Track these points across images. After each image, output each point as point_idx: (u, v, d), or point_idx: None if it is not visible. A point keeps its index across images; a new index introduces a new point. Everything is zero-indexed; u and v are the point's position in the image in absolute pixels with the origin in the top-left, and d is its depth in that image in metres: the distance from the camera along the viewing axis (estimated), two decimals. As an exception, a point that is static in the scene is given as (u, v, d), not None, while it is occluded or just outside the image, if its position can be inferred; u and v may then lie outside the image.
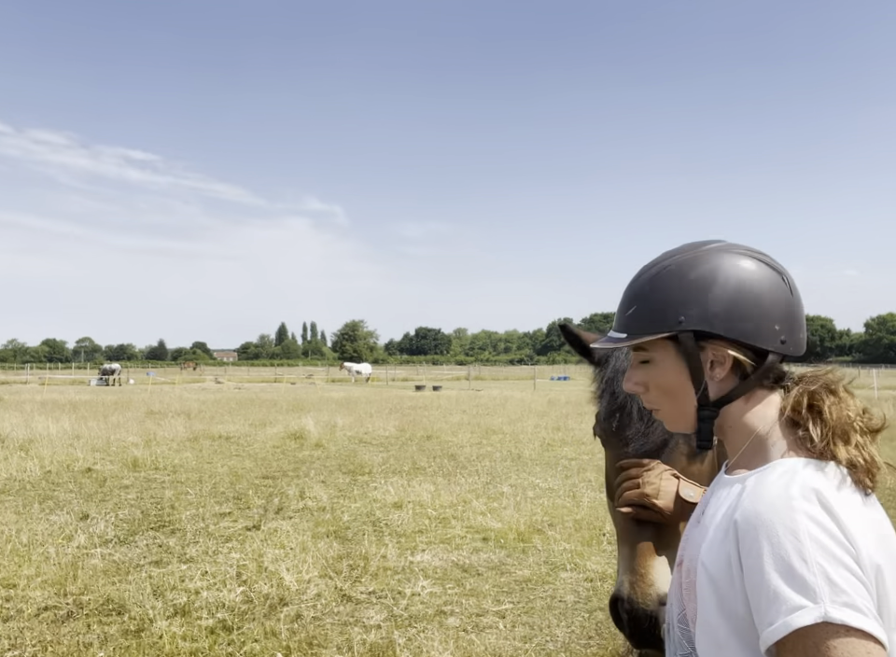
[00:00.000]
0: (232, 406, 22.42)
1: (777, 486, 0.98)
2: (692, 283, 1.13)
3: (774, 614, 0.91)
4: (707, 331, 1.11)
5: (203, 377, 58.40)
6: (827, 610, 0.88)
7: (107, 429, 14.53)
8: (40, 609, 4.66)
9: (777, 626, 0.90)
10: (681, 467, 1.65)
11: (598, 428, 1.83)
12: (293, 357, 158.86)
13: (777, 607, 0.91)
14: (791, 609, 0.90)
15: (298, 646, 4.15)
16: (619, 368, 1.79)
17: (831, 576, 0.90)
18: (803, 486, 0.97)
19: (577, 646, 4.25)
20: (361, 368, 55.29)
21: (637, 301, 1.17)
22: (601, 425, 1.81)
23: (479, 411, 20.88)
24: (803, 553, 0.91)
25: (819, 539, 0.92)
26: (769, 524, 0.94)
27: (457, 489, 8.67)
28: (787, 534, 0.93)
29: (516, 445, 13.21)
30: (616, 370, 1.80)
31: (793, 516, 0.93)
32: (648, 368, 1.17)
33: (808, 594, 0.89)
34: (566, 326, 1.97)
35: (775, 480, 1.00)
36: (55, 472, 9.90)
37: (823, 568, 0.90)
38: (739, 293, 1.12)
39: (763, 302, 1.12)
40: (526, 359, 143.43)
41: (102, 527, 6.72)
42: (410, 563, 5.74)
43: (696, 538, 1.11)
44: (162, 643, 4.14)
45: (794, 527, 0.93)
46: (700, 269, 1.14)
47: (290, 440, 13.54)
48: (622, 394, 1.75)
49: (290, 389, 37.25)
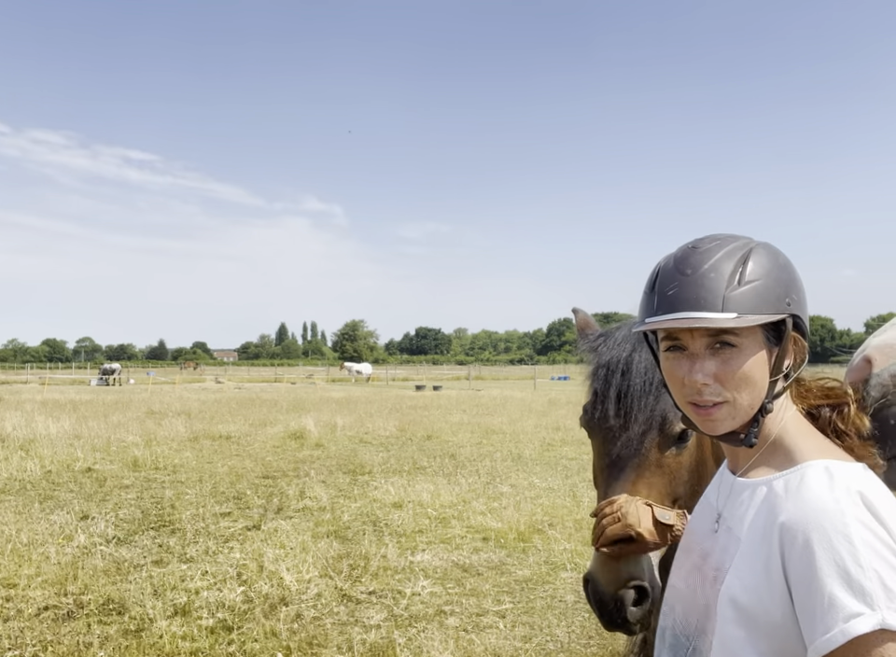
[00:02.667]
0: (233, 406, 22.42)
1: (819, 490, 0.95)
2: (784, 267, 1.08)
3: (831, 621, 0.88)
4: (801, 318, 1.07)
5: (203, 377, 58.41)
6: (885, 617, 0.86)
7: (108, 429, 14.53)
8: (40, 609, 4.66)
9: (834, 634, 0.88)
10: (656, 457, 1.69)
11: (584, 419, 1.87)
12: (293, 357, 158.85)
13: (833, 614, 0.88)
14: (849, 616, 0.87)
15: (298, 645, 4.15)
16: (604, 360, 1.84)
17: (886, 581, 0.88)
18: (848, 489, 0.94)
19: (577, 646, 4.25)
20: (361, 368, 55.31)
21: (740, 278, 1.05)
22: (586, 416, 1.85)
23: (479, 410, 20.88)
24: (858, 559, 0.89)
25: (873, 544, 0.89)
26: (821, 530, 0.91)
27: (457, 489, 8.67)
28: (840, 539, 0.90)
29: (516, 445, 13.21)
30: (599, 364, 1.85)
31: (845, 521, 0.91)
32: (729, 355, 1.04)
33: (866, 599, 0.87)
34: (578, 310, 2.08)
35: (814, 483, 0.97)
36: (55, 472, 9.90)
37: (879, 574, 0.88)
38: (795, 273, 1.11)
39: (801, 282, 1.11)
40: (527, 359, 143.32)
41: (102, 527, 6.72)
42: (410, 563, 5.74)
43: (721, 548, 1.07)
44: (163, 643, 4.14)
45: (847, 532, 0.90)
46: (783, 256, 1.10)
47: (290, 440, 13.54)
48: (604, 386, 1.80)
49: (291, 389, 37.25)
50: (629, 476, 1.67)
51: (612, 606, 1.56)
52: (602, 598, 1.57)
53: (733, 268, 1.05)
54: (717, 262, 1.05)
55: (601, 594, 1.57)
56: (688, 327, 1.03)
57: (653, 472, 1.68)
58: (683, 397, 1.09)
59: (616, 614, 1.56)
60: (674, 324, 1.04)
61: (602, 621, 1.61)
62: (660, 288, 1.09)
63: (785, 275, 1.07)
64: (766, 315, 1.03)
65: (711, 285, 1.04)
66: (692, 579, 1.12)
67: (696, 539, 1.16)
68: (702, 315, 1.02)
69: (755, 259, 1.06)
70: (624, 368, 1.77)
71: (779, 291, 1.05)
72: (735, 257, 1.06)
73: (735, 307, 1.02)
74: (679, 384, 1.08)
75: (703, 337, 1.05)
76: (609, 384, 1.79)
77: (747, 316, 1.02)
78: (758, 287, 1.04)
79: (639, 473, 1.67)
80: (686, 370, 1.06)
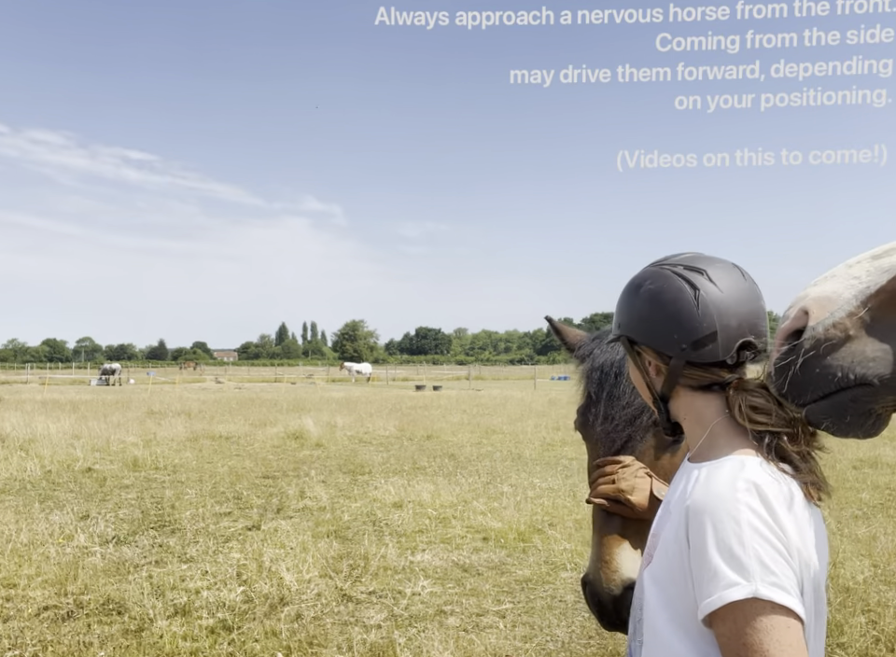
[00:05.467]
0: (233, 406, 22.42)
1: (724, 479, 1.11)
2: (624, 294, 1.34)
3: (712, 588, 1.04)
4: (630, 337, 1.31)
5: (203, 377, 58.43)
6: (757, 588, 1.01)
7: (108, 429, 14.52)
8: (40, 609, 4.66)
9: (714, 599, 1.04)
10: (651, 458, 1.70)
11: (578, 422, 1.88)
12: (293, 357, 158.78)
13: (715, 582, 1.04)
14: (727, 585, 1.02)
15: (298, 645, 4.15)
16: (596, 364, 1.85)
17: (763, 559, 1.02)
18: (746, 480, 1.09)
19: (577, 645, 4.25)
20: (362, 367, 55.33)
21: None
22: (580, 418, 1.87)
23: (479, 410, 20.89)
24: (742, 538, 1.03)
25: (757, 527, 1.04)
26: (714, 512, 1.07)
27: (458, 489, 8.67)
28: (729, 521, 1.05)
29: (516, 445, 13.21)
30: (593, 366, 1.86)
31: (736, 506, 1.06)
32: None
33: (743, 573, 1.02)
34: (551, 319, 2.11)
35: (723, 473, 1.12)
36: (55, 472, 9.89)
37: (757, 552, 1.03)
38: (650, 304, 1.27)
39: (666, 312, 1.24)
40: (527, 359, 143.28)
41: (102, 527, 6.72)
42: (410, 562, 5.74)
43: (663, 521, 1.23)
44: (163, 643, 4.14)
45: (736, 516, 1.05)
46: (633, 282, 1.33)
47: (290, 440, 13.54)
48: (597, 389, 1.81)
49: (290, 389, 37.27)
50: None
51: (611, 607, 1.59)
52: (601, 600, 1.60)
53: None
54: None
55: (599, 596, 1.60)
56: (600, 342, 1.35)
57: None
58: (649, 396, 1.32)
59: (615, 615, 1.59)
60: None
61: (601, 621, 1.64)
62: None
63: (621, 304, 1.35)
64: (613, 337, 1.39)
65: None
66: (645, 559, 1.28)
67: (656, 520, 1.32)
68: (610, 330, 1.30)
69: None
70: (618, 370, 1.78)
71: (616, 318, 1.37)
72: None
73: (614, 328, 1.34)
74: (643, 384, 1.32)
75: None
76: (602, 386, 1.80)
77: (613, 335, 1.36)
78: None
79: None
80: None
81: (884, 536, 6.32)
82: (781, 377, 1.11)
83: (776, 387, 1.13)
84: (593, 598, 1.62)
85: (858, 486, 8.85)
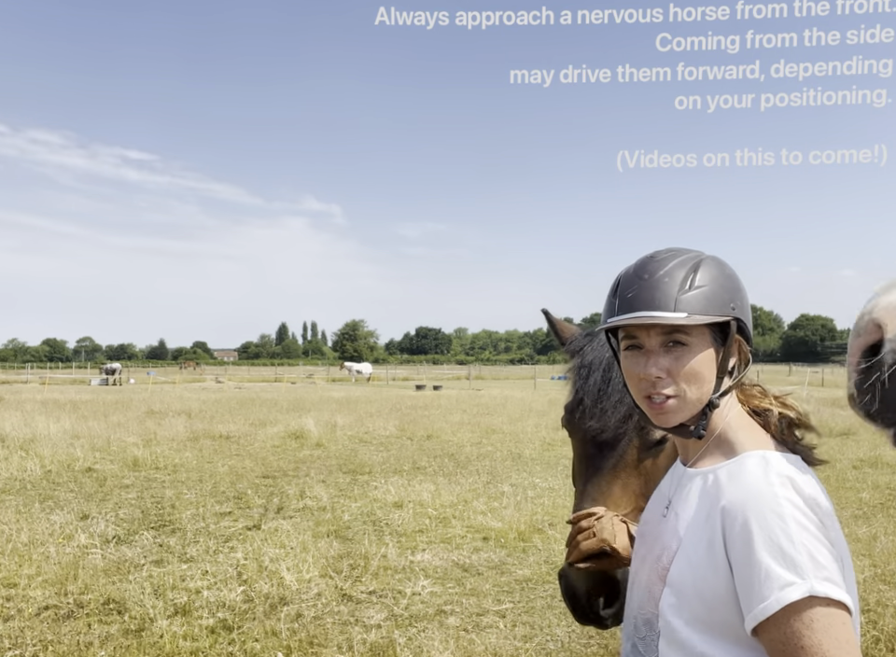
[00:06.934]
0: (233, 405, 22.42)
1: (755, 476, 1.08)
2: (730, 277, 1.23)
3: (766, 591, 0.99)
4: (744, 322, 1.20)
5: (203, 377, 58.40)
6: (812, 585, 0.97)
7: (108, 429, 14.53)
8: (41, 609, 4.66)
9: (770, 602, 0.98)
10: (633, 459, 1.69)
11: (564, 419, 1.87)
12: (293, 357, 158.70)
13: (769, 584, 0.99)
14: (783, 585, 0.98)
15: (298, 645, 4.15)
16: (586, 360, 1.85)
17: (813, 553, 0.99)
18: (779, 475, 1.06)
19: (577, 645, 4.25)
20: (362, 367, 55.27)
21: (691, 283, 1.18)
22: (567, 415, 1.86)
23: (479, 410, 20.88)
24: (790, 534, 1.00)
25: (800, 521, 1.01)
26: (757, 511, 1.03)
27: (458, 489, 8.67)
28: (774, 517, 1.01)
29: (517, 445, 13.21)
30: (583, 363, 1.85)
31: (777, 501, 1.03)
32: (680, 353, 1.16)
33: (797, 570, 0.98)
34: (548, 312, 2.08)
35: (751, 470, 1.09)
36: (55, 472, 9.90)
37: (807, 547, 0.99)
38: (733, 279, 1.23)
39: (744, 289, 1.25)
40: (527, 359, 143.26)
41: (102, 527, 6.72)
42: (410, 562, 5.74)
43: (670, 530, 1.18)
44: (163, 642, 4.14)
45: (780, 512, 1.02)
46: (728, 267, 1.25)
47: (291, 440, 13.54)
48: (585, 386, 1.80)
49: (291, 389, 37.26)
50: (606, 476, 1.68)
51: (584, 601, 1.60)
52: (575, 594, 1.61)
53: (685, 274, 1.19)
54: (671, 269, 1.19)
55: (574, 590, 1.61)
56: (644, 324, 1.16)
57: (630, 474, 1.69)
58: (639, 392, 1.20)
59: (588, 609, 1.60)
60: (632, 321, 1.17)
61: (574, 615, 1.65)
62: (621, 292, 1.22)
63: (730, 284, 1.21)
64: (713, 317, 1.16)
65: (665, 288, 1.18)
66: (646, 563, 1.22)
67: (649, 527, 1.27)
68: (656, 314, 1.15)
69: (704, 268, 1.20)
70: (606, 368, 1.77)
71: (725, 297, 1.19)
72: (687, 265, 1.20)
73: (685, 308, 1.15)
74: (635, 379, 1.20)
75: (657, 335, 1.17)
76: (590, 383, 1.79)
77: (696, 316, 1.15)
78: (706, 292, 1.17)
79: (616, 474, 1.68)
80: (642, 365, 1.18)
81: (884, 535, 6.32)
82: (867, 397, 1.03)
83: (862, 409, 1.05)
84: (567, 592, 1.63)
85: (858, 486, 8.85)
